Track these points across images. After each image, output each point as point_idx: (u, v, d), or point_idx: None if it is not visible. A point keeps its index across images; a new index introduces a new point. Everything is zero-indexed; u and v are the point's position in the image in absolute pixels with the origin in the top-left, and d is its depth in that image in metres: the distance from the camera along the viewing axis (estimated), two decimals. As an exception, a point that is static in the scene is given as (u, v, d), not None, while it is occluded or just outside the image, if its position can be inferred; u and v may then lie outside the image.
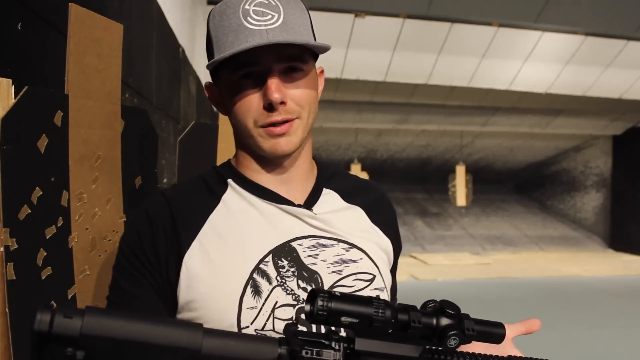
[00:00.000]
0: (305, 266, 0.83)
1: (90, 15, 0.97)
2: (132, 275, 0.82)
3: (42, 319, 0.58)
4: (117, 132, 1.09)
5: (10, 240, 0.78)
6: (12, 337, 0.77)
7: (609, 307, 6.55)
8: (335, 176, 0.96)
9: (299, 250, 0.83)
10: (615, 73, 8.49)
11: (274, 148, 0.83)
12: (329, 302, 0.60)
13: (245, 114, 0.83)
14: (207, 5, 6.12)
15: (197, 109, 5.05)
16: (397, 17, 6.93)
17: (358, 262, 0.86)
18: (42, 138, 0.86)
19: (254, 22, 0.80)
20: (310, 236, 0.85)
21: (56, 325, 0.58)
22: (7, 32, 1.02)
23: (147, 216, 0.84)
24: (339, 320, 0.61)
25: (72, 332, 0.58)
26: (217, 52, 0.83)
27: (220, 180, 0.89)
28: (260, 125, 0.83)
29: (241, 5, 0.81)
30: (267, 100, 0.80)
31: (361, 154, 12.35)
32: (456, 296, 7.75)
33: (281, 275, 0.81)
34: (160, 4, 2.97)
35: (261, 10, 0.80)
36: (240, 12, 0.80)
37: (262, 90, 0.81)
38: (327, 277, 0.83)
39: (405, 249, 11.20)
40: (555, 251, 11.76)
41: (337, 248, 0.86)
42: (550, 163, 13.75)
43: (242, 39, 0.79)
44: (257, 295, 0.79)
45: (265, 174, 0.88)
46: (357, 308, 0.61)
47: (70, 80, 0.93)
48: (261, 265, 0.81)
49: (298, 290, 0.81)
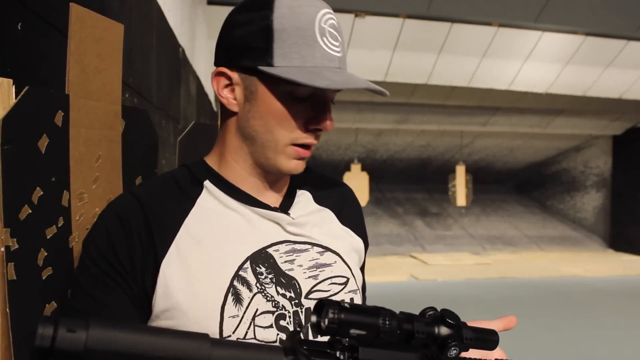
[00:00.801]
0: (282, 272, 0.81)
1: (91, 15, 0.97)
2: (102, 282, 0.76)
3: (44, 333, 0.55)
4: (118, 132, 1.09)
5: (11, 240, 0.78)
6: (12, 337, 0.77)
7: (609, 307, 6.55)
8: (307, 176, 0.94)
9: (276, 257, 0.81)
10: (615, 73, 8.49)
11: (294, 169, 0.83)
12: (339, 314, 0.60)
13: (284, 128, 0.79)
14: (207, 5, 6.12)
15: (197, 109, 5.05)
16: (397, 17, 6.92)
17: (332, 265, 0.86)
18: (42, 138, 0.86)
19: (331, 47, 0.78)
20: (286, 241, 0.83)
21: (59, 340, 0.55)
22: (7, 32, 1.02)
23: (118, 219, 0.79)
24: (347, 332, 0.61)
25: (77, 348, 0.56)
26: (280, 53, 0.76)
27: (194, 181, 0.84)
28: (294, 143, 0.80)
29: (317, 17, 0.77)
30: (321, 126, 0.80)
31: (361, 154, 12.35)
32: (456, 296, 7.75)
33: (260, 282, 0.79)
34: (160, 4, 2.97)
35: (335, 33, 0.79)
36: (316, 25, 0.77)
37: (308, 108, 0.79)
38: (304, 283, 0.82)
39: (405, 249, 11.22)
40: (555, 251, 11.75)
41: (312, 252, 0.84)
42: (550, 163, 13.74)
43: (318, 60, 0.76)
44: (239, 304, 0.77)
45: (248, 178, 0.85)
46: (366, 319, 0.62)
47: (70, 80, 0.93)
48: (240, 272, 0.79)
49: (277, 297, 0.79)
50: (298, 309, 0.81)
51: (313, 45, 0.76)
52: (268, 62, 0.77)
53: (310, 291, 0.82)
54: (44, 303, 0.85)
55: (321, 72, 0.76)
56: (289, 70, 0.76)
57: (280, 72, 0.75)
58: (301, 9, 0.77)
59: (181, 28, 3.90)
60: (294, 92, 0.78)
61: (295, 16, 0.76)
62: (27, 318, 0.81)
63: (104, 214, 0.82)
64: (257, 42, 0.77)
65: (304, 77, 0.75)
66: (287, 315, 0.80)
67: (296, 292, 0.81)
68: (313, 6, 0.78)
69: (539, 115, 10.72)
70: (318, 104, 0.80)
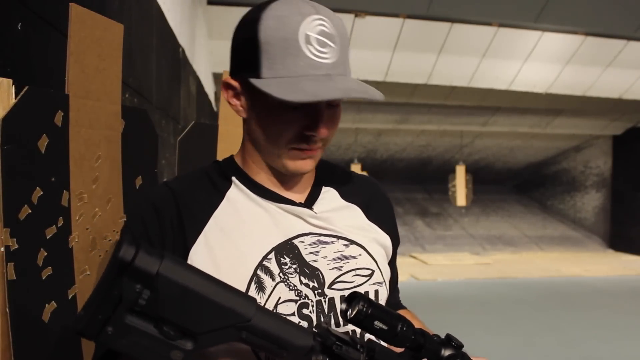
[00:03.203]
0: (307, 263, 0.84)
1: (90, 15, 0.97)
2: None
3: (127, 249, 0.63)
4: (118, 132, 1.09)
5: (11, 240, 0.78)
6: (12, 337, 0.77)
7: (609, 307, 6.55)
8: (334, 173, 0.97)
9: (301, 248, 0.85)
10: (615, 73, 8.49)
11: (298, 169, 0.85)
12: (368, 309, 0.70)
13: (280, 133, 0.82)
14: (207, 5, 6.12)
15: (197, 109, 5.05)
16: (397, 17, 6.93)
17: (357, 258, 0.88)
18: (42, 138, 0.86)
19: (317, 54, 0.78)
20: (311, 234, 0.86)
21: (139, 259, 0.63)
22: (7, 32, 1.02)
23: (153, 207, 0.84)
24: (371, 324, 0.70)
25: (150, 269, 0.63)
26: (266, 64, 0.78)
27: (224, 176, 0.89)
28: (291, 147, 0.83)
29: (302, 25, 0.77)
30: (314, 134, 0.81)
31: (361, 154, 12.35)
32: (456, 296, 7.75)
33: (284, 272, 0.82)
34: (160, 4, 2.97)
35: (323, 39, 0.78)
36: (299, 34, 0.77)
37: (302, 115, 0.81)
38: (328, 274, 0.85)
39: (405, 249, 11.20)
40: (555, 251, 11.75)
41: (337, 245, 0.87)
42: (550, 163, 13.74)
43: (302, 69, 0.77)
44: (261, 292, 0.81)
45: (269, 176, 0.89)
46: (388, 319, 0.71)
47: (70, 80, 0.93)
48: (264, 262, 0.82)
49: (300, 286, 0.83)
50: (321, 298, 0.84)
51: (297, 54, 0.77)
52: (257, 73, 0.79)
53: (333, 282, 0.85)
54: (44, 303, 0.85)
55: (301, 82, 0.76)
56: (272, 81, 0.77)
57: (262, 85, 0.78)
58: (286, 18, 0.78)
59: (181, 28, 3.90)
60: (283, 101, 0.79)
61: (280, 26, 0.77)
62: (26, 318, 0.81)
63: (140, 202, 0.88)
64: (247, 55, 0.80)
65: (281, 90, 0.76)
66: (310, 304, 0.83)
67: (319, 282, 0.84)
68: (299, 14, 0.78)
69: (539, 115, 10.72)
70: (312, 112, 0.81)
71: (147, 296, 0.64)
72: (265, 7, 0.80)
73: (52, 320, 0.87)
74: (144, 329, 0.65)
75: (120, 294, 0.63)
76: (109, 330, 0.64)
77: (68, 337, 0.92)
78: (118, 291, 0.63)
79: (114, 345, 0.65)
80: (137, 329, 0.65)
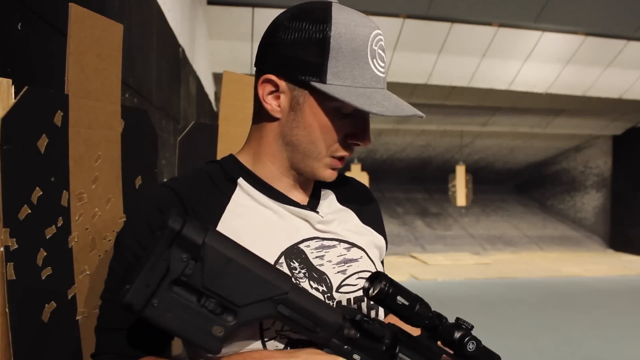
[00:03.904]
0: (314, 267, 0.85)
1: (90, 15, 0.97)
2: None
3: (176, 219, 0.66)
4: (117, 132, 1.09)
5: (10, 240, 0.78)
6: (12, 337, 0.77)
7: (609, 307, 6.55)
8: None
9: (307, 252, 0.85)
10: (615, 73, 8.49)
11: (329, 177, 0.87)
12: (389, 288, 0.73)
13: (326, 141, 0.83)
14: (207, 5, 6.12)
15: (197, 109, 5.06)
16: (397, 17, 6.93)
17: (359, 260, 0.89)
18: (42, 138, 0.86)
19: (379, 69, 0.82)
20: (315, 238, 0.87)
21: (187, 228, 0.66)
22: (7, 32, 1.02)
23: (158, 211, 0.79)
24: (394, 301, 0.73)
25: (197, 239, 0.66)
26: (333, 71, 0.78)
27: (228, 177, 0.86)
28: (333, 156, 0.84)
29: (370, 39, 0.80)
30: (361, 142, 0.84)
31: (361, 154, 12.35)
32: (456, 296, 7.74)
33: (295, 277, 0.82)
34: (160, 4, 2.97)
35: (383, 54, 0.83)
36: (368, 47, 0.80)
37: (350, 123, 0.83)
38: (334, 278, 0.86)
39: (405, 249, 11.21)
40: (555, 251, 11.75)
41: (339, 248, 0.88)
42: (550, 163, 13.74)
43: (368, 81, 0.80)
44: None
45: (282, 178, 0.88)
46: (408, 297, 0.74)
47: (70, 80, 0.93)
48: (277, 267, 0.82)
49: (311, 291, 0.83)
50: (330, 302, 0.84)
51: (364, 67, 0.80)
52: (321, 78, 0.79)
53: (340, 285, 0.86)
54: (44, 303, 0.85)
55: (371, 94, 0.80)
56: (340, 89, 0.78)
57: (333, 91, 0.78)
58: (357, 28, 0.79)
59: (181, 28, 3.90)
60: (340, 108, 0.81)
61: (351, 36, 0.79)
62: (26, 318, 0.81)
63: (141, 209, 0.83)
64: (312, 57, 0.79)
65: (358, 100, 0.78)
66: None
67: (327, 286, 0.85)
68: (367, 27, 0.80)
69: (539, 115, 10.72)
70: (360, 121, 0.84)
71: (193, 266, 0.66)
72: (329, 8, 0.80)
73: (51, 320, 0.87)
74: (187, 303, 0.67)
75: (168, 265, 0.65)
76: (155, 303, 0.65)
77: (68, 337, 0.92)
78: (166, 261, 0.65)
79: (158, 320, 0.66)
80: (180, 302, 0.66)
